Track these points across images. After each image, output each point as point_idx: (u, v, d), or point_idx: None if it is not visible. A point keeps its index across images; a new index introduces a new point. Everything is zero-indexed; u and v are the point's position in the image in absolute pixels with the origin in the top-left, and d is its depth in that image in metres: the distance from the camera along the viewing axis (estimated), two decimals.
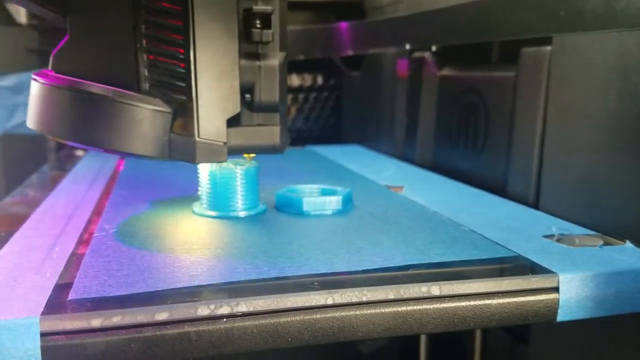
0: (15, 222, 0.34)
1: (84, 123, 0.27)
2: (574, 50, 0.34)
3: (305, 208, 0.35)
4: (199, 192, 0.36)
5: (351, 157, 0.58)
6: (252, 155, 0.34)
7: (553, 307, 0.24)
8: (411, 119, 0.55)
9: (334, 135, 0.78)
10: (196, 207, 0.36)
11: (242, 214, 0.35)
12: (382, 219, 0.34)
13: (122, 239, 0.31)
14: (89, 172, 0.50)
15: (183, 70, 0.27)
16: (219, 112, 0.28)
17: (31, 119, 0.28)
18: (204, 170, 0.35)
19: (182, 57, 0.27)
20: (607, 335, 0.30)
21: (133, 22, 0.27)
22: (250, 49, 0.30)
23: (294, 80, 0.76)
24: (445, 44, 0.51)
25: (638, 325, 0.28)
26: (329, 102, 0.77)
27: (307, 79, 0.76)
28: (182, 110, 0.28)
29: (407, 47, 0.55)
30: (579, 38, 0.34)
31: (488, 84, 0.45)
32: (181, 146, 0.28)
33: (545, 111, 0.37)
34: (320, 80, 0.76)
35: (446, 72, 0.51)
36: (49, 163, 0.60)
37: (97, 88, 0.27)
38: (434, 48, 0.52)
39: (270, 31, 0.29)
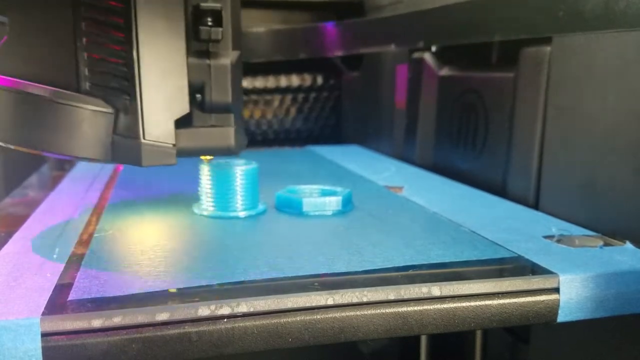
0: (15, 222, 0.34)
1: (23, 125, 0.26)
2: (573, 51, 0.34)
3: (305, 208, 0.35)
4: (199, 193, 0.36)
5: (351, 157, 0.58)
6: (208, 157, 0.34)
7: (553, 308, 0.24)
8: (411, 119, 0.55)
9: (333, 135, 0.78)
10: (196, 207, 0.36)
11: (242, 214, 0.35)
12: (382, 220, 0.34)
13: (122, 239, 0.31)
14: (88, 172, 0.50)
15: (125, 69, 0.27)
16: (165, 113, 0.28)
17: None
18: (204, 170, 0.35)
19: (124, 55, 0.26)
20: (608, 336, 0.30)
21: (73, 19, 0.26)
22: (200, 47, 0.28)
23: (294, 80, 0.76)
24: (444, 43, 0.51)
25: (638, 326, 0.28)
26: (328, 103, 0.77)
27: (307, 79, 0.76)
28: (126, 111, 0.27)
29: (407, 47, 0.55)
30: (578, 38, 0.34)
31: (488, 84, 0.45)
32: (125, 148, 0.27)
33: (545, 111, 0.37)
34: (320, 80, 0.76)
35: (446, 72, 0.51)
36: (48, 163, 0.60)
37: (35, 88, 0.26)
38: (433, 48, 0.52)
39: (220, 29, 0.28)
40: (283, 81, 0.75)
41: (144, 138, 0.27)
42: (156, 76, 0.27)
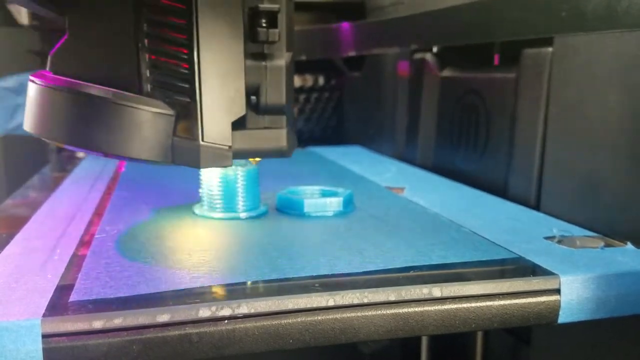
0: (16, 223, 0.34)
1: (83, 126, 0.26)
2: (575, 51, 0.34)
3: (306, 209, 0.35)
4: (200, 193, 0.36)
5: (352, 158, 0.58)
6: (257, 159, 0.34)
7: (554, 309, 0.24)
8: (412, 120, 0.55)
9: (335, 136, 0.78)
10: (197, 208, 0.36)
11: (243, 215, 0.35)
12: (383, 221, 0.34)
13: (123, 241, 0.31)
14: (90, 173, 0.50)
15: (186, 71, 0.27)
16: (223, 115, 0.28)
17: (28, 122, 0.27)
18: (206, 171, 0.35)
19: (185, 57, 0.26)
20: (609, 337, 0.30)
21: (134, 20, 0.26)
22: (256, 49, 0.28)
23: (295, 80, 0.76)
24: (445, 44, 0.51)
25: (639, 327, 0.28)
26: (330, 103, 0.77)
27: (309, 80, 0.76)
28: (186, 112, 0.27)
29: (408, 48, 0.55)
30: (580, 39, 0.34)
31: (489, 85, 0.45)
32: (185, 150, 0.27)
33: (546, 112, 0.37)
34: (321, 81, 0.76)
35: (447, 73, 0.51)
36: (50, 164, 0.61)
37: (96, 89, 0.26)
38: (435, 49, 0.52)
39: (276, 30, 0.28)
40: None
41: (202, 140, 0.27)
42: (216, 78, 0.27)
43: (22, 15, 0.68)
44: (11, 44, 0.70)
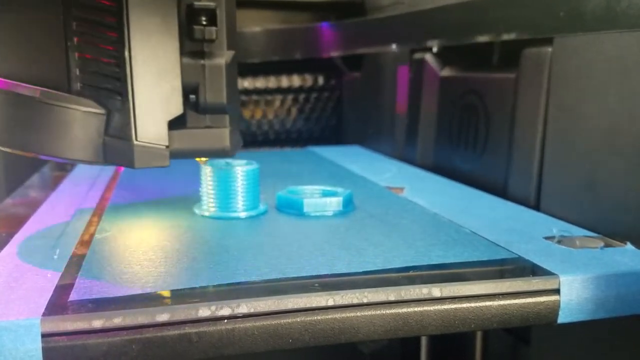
0: (16, 223, 0.34)
1: (13, 126, 0.26)
2: (574, 51, 0.34)
3: (305, 209, 0.35)
4: (200, 193, 0.36)
5: (352, 158, 0.58)
6: (203, 159, 0.33)
7: (554, 309, 0.24)
8: (412, 120, 0.55)
9: (334, 136, 0.78)
10: (197, 208, 0.36)
11: (242, 214, 0.35)
12: (382, 221, 0.34)
13: (122, 240, 0.31)
14: (89, 172, 0.50)
15: (118, 70, 0.26)
16: (158, 114, 0.27)
17: None
18: (205, 170, 0.35)
19: (116, 55, 0.26)
20: (608, 337, 0.30)
21: (63, 18, 0.25)
22: (194, 47, 0.28)
23: (295, 80, 0.76)
24: (444, 44, 0.51)
25: (639, 328, 0.28)
26: (329, 103, 0.77)
27: (308, 80, 0.76)
28: (118, 111, 0.26)
29: (405, 46, 0.55)
30: (579, 39, 0.34)
31: (489, 85, 0.45)
32: (118, 150, 0.27)
33: (546, 112, 0.37)
34: (320, 80, 0.76)
35: (447, 73, 0.51)
36: (49, 164, 0.60)
37: (24, 88, 0.25)
38: (434, 49, 0.52)
39: (214, 28, 0.28)
40: (284, 82, 0.75)
41: (136, 139, 0.27)
42: (149, 76, 0.27)
43: None
44: None
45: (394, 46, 0.58)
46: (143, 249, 0.29)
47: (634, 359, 0.29)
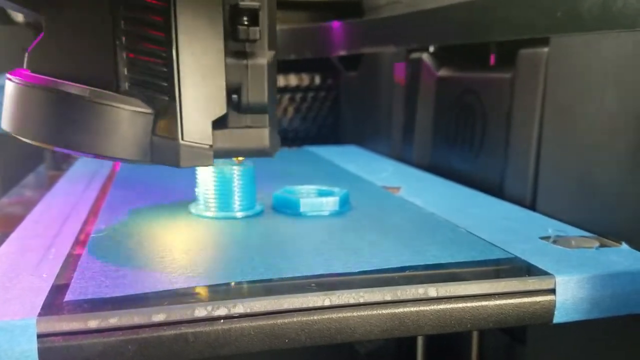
0: (11, 222, 0.34)
1: (60, 125, 0.26)
2: (571, 52, 0.34)
3: (302, 209, 0.35)
4: (196, 193, 0.36)
5: (348, 157, 0.58)
6: (241, 158, 0.33)
7: (549, 309, 0.25)
8: (408, 119, 0.55)
9: (331, 135, 0.78)
10: (193, 207, 0.36)
11: (239, 214, 0.35)
12: (379, 220, 0.34)
13: (118, 240, 0.31)
14: (86, 172, 0.49)
15: (165, 69, 0.26)
16: (203, 114, 0.27)
17: (5, 121, 0.27)
18: (202, 170, 0.35)
19: (164, 55, 0.26)
20: (604, 337, 0.30)
21: (112, 18, 0.26)
22: (237, 47, 0.28)
23: (292, 80, 0.76)
24: (441, 44, 0.51)
25: (634, 327, 0.28)
26: (326, 103, 0.77)
27: (305, 79, 0.76)
28: (165, 111, 0.27)
29: (402, 47, 0.55)
30: (576, 39, 0.34)
31: (485, 84, 0.45)
32: (164, 149, 0.27)
33: (542, 112, 0.37)
34: (317, 80, 0.76)
35: (444, 73, 0.51)
36: (45, 163, 0.60)
37: (73, 88, 0.25)
38: (431, 49, 0.52)
39: (257, 28, 0.28)
40: (281, 81, 0.75)
41: (182, 139, 0.27)
42: (195, 76, 0.27)
43: (17, 13, 0.68)
44: (6, 42, 0.70)
45: (391, 47, 0.58)
46: (139, 249, 0.29)
47: (629, 359, 0.29)
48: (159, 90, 0.27)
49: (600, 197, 0.32)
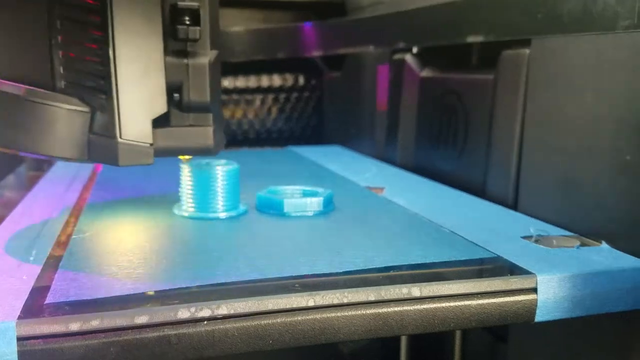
0: None
1: None
2: (552, 53, 0.35)
3: (286, 209, 0.35)
4: (179, 193, 0.36)
5: (332, 158, 0.58)
6: (187, 157, 0.33)
7: (531, 308, 0.25)
8: (392, 120, 0.55)
9: (315, 136, 0.78)
10: (176, 208, 0.36)
11: (222, 215, 0.35)
12: (363, 221, 0.34)
13: (100, 241, 0.30)
14: (67, 172, 0.49)
15: (102, 68, 0.26)
16: (142, 112, 0.27)
17: None
18: (185, 170, 0.35)
19: (100, 53, 0.26)
20: (584, 335, 0.31)
21: (47, 17, 0.26)
22: (178, 46, 0.28)
23: (275, 80, 0.76)
24: (423, 45, 0.51)
25: (614, 325, 0.28)
26: (310, 103, 0.77)
27: (288, 79, 0.76)
28: (102, 109, 0.27)
29: (384, 47, 0.55)
30: (557, 41, 0.34)
31: (468, 85, 0.45)
32: (102, 148, 0.27)
33: (523, 113, 0.37)
34: (301, 80, 0.76)
35: (427, 73, 0.51)
36: (25, 163, 0.59)
37: (8, 86, 0.25)
38: (414, 50, 0.53)
39: (197, 28, 0.28)
40: (264, 81, 0.75)
41: (120, 137, 0.27)
42: (133, 75, 0.27)
43: None
44: None
45: (373, 47, 0.58)
46: (121, 250, 0.28)
47: (609, 356, 0.29)
48: (96, 89, 0.27)
49: (580, 197, 0.32)
